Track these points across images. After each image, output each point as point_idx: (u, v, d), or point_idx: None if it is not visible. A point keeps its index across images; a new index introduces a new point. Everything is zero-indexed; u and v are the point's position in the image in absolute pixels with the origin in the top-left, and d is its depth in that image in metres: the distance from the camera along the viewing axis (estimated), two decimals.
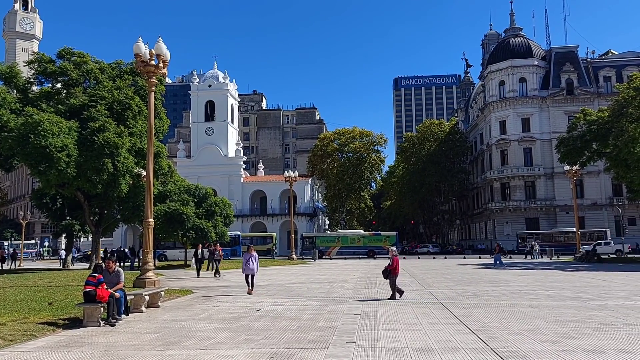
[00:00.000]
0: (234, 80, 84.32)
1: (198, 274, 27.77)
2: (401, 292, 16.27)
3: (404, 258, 55.75)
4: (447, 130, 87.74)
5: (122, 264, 35.38)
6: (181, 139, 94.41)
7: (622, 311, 13.07)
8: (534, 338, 9.64)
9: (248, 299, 17.03)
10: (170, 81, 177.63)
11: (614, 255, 49.91)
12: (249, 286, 18.53)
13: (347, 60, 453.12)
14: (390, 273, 16.04)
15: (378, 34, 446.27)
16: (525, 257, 48.86)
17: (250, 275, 18.52)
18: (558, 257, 48.81)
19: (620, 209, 58.24)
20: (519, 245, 60.30)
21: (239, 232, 60.74)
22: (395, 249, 17.40)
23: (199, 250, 28.61)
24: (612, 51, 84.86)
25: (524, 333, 10.18)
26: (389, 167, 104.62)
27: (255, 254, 19.07)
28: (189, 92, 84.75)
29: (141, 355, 8.61)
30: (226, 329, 11.03)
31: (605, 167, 47.51)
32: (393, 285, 16.10)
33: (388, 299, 15.96)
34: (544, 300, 15.70)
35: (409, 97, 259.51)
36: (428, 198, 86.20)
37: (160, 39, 19.17)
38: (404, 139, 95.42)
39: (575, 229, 52.13)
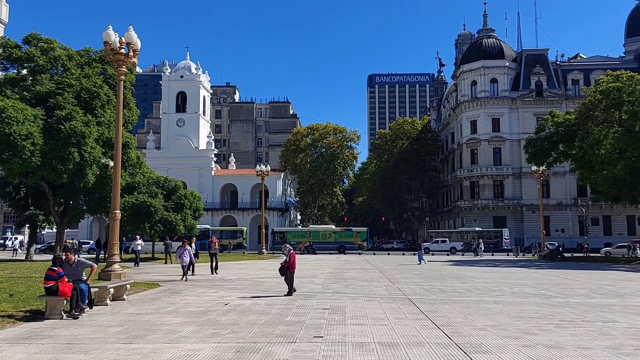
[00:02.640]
0: (206, 71, 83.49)
1: (187, 272, 24.43)
2: (293, 289, 15.92)
3: (374, 254, 56.25)
4: (420, 128, 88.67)
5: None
6: (151, 130, 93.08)
7: (582, 308, 13.42)
8: (497, 333, 9.82)
9: (216, 292, 16.91)
10: (141, 71, 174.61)
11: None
12: (184, 275, 21.51)
13: (322, 56, 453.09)
14: (287, 269, 15.76)
15: (353, 30, 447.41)
16: (475, 255, 50.02)
17: (186, 267, 21.64)
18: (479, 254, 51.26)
19: (584, 209, 59.84)
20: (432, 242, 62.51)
21: (208, 226, 60.25)
22: (289, 246, 17.10)
23: (193, 244, 25.29)
24: (580, 55, 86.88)
25: (488, 329, 10.36)
26: (361, 163, 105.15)
27: (189, 248, 22.38)
28: (160, 82, 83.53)
29: (104, 349, 8.47)
30: (192, 323, 10.92)
31: (571, 168, 48.77)
32: (290, 281, 15.83)
33: (285, 295, 15.73)
34: (508, 297, 16.01)
35: (382, 94, 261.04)
36: (399, 195, 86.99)
37: (130, 27, 18.82)
38: (377, 136, 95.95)
39: (477, 229, 61.99)
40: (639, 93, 38.26)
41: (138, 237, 33.77)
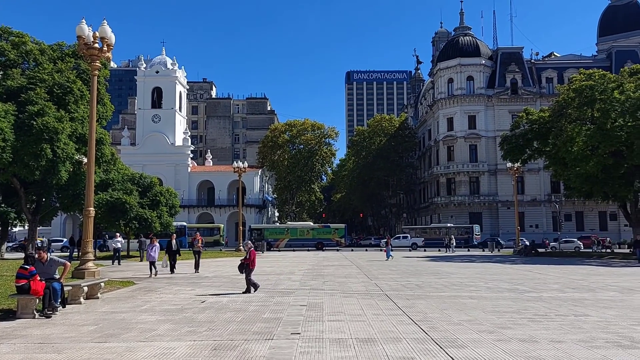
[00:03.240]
0: (182, 67, 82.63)
1: (172, 270, 23.31)
2: (256, 287, 15.84)
3: (352, 250, 56.44)
4: (397, 125, 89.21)
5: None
6: (126, 126, 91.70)
7: (555, 303, 13.66)
8: (473, 328, 9.94)
9: (192, 290, 16.77)
10: (116, 66, 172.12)
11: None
12: (151, 273, 21.81)
13: (300, 52, 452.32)
14: (246, 267, 15.65)
15: (331, 26, 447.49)
16: (446, 251, 50.61)
17: (153, 263, 22.07)
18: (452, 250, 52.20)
19: (557, 206, 60.94)
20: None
21: (185, 223, 59.76)
22: (250, 242, 17.05)
23: (173, 242, 24.16)
24: (554, 53, 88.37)
25: (463, 323, 10.47)
26: (340, 160, 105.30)
27: (157, 244, 22.90)
28: (135, 77, 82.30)
29: (78, 348, 8.34)
30: (168, 321, 10.82)
31: (545, 165, 49.52)
32: (248, 279, 15.74)
33: (242, 292, 15.62)
34: (483, 292, 16.21)
35: (360, 91, 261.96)
36: (377, 191, 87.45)
37: (105, 21, 18.50)
38: (355, 133, 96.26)
39: (450, 225, 63.63)
40: (611, 91, 39.01)
41: (118, 234, 33.26)
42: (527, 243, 46.46)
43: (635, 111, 36.98)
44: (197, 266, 24.19)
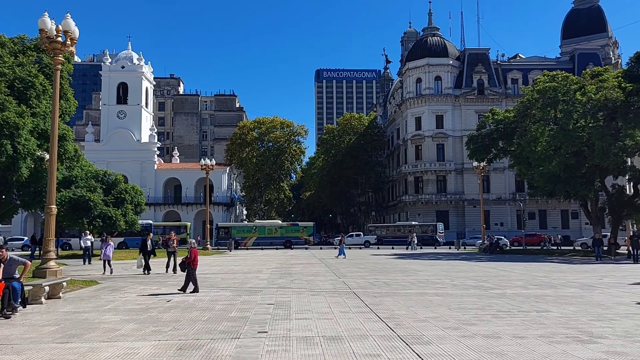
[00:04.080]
0: (149, 62, 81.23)
1: (146, 271, 22.50)
2: (196, 288, 15.39)
3: (321, 249, 56.52)
4: (366, 124, 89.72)
5: None
6: (90, 122, 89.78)
7: (518, 299, 13.96)
8: (438, 325, 10.08)
9: (158, 289, 16.53)
10: (80, 60, 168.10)
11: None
12: (104, 270, 22.33)
13: (269, 50, 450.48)
14: (188, 266, 15.34)
15: (301, 24, 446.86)
16: (407, 248, 51.17)
17: (107, 261, 22.51)
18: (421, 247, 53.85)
19: (521, 204, 62.27)
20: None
21: (151, 221, 58.76)
22: (194, 241, 16.77)
23: (149, 241, 22.99)
24: (520, 55, 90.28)
25: (429, 320, 10.61)
26: (309, 158, 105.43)
27: (111, 242, 23.51)
28: (100, 72, 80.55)
29: (39, 349, 8.14)
30: (133, 321, 10.65)
31: (510, 164, 50.52)
32: (189, 277, 15.39)
33: (179, 290, 15.36)
34: (449, 289, 16.45)
35: (330, 89, 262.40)
36: (346, 190, 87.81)
37: (68, 14, 18.04)
38: (324, 131, 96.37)
39: (414, 223, 65.45)
40: (573, 93, 40.05)
41: (88, 232, 32.33)
42: (488, 241, 47.42)
43: (596, 113, 38.08)
44: (172, 267, 22.88)
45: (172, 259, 23.06)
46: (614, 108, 37.05)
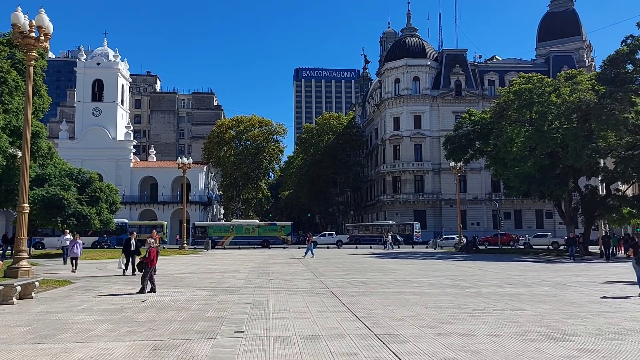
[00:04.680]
0: (125, 59, 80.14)
1: (133, 272, 21.00)
2: (153, 288, 15.10)
3: (299, 248, 56.40)
4: (345, 123, 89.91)
5: None
6: (64, 119, 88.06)
7: (493, 298, 14.14)
8: (414, 324, 10.14)
9: (133, 289, 16.29)
10: (54, 56, 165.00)
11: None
12: (72, 266, 22.64)
13: (248, 47, 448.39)
14: (145, 265, 15.04)
15: (280, 22, 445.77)
16: (384, 247, 51.38)
17: (74, 259, 22.96)
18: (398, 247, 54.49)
19: (497, 204, 63.13)
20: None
21: (126, 220, 58.00)
22: (153, 240, 16.29)
23: (132, 240, 21.73)
24: (496, 57, 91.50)
25: (406, 319, 10.67)
26: (287, 157, 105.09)
27: (80, 241, 24.19)
28: (75, 69, 79.19)
29: (9, 350, 7.96)
30: (107, 321, 10.49)
31: (486, 164, 51.17)
32: (145, 278, 15.00)
33: (137, 292, 14.94)
34: (426, 288, 16.58)
35: (309, 88, 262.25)
36: (324, 189, 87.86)
37: (42, 9, 17.69)
38: (303, 130, 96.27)
39: (392, 222, 66.25)
40: (548, 95, 40.71)
41: (67, 231, 31.46)
42: (465, 239, 48.02)
43: (570, 114, 38.79)
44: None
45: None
46: (587, 110, 37.77)
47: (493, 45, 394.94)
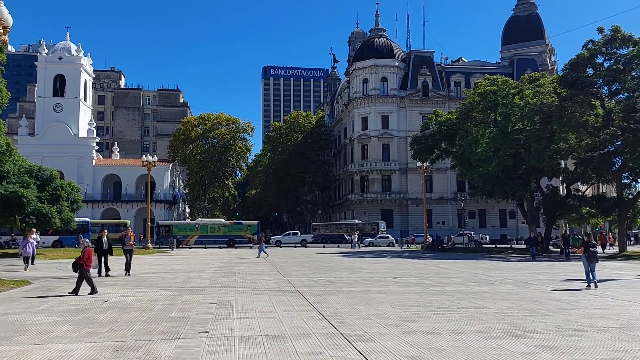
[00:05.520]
0: (88, 54, 78.36)
1: (101, 273, 20.03)
2: (93, 290, 14.53)
3: (266, 247, 56.14)
4: (314, 122, 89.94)
5: None
6: (24, 115, 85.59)
7: (457, 296, 14.35)
8: (380, 322, 10.20)
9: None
10: (14, 50, 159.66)
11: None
12: (25, 263, 22.63)
13: (215, 44, 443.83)
14: (80, 266, 14.53)
15: (248, 20, 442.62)
16: (351, 246, 51.69)
17: (27, 258, 22.82)
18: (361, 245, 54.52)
19: (462, 203, 64.16)
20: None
21: (88, 219, 56.62)
22: (88, 240, 15.90)
23: (104, 239, 20.54)
24: (463, 59, 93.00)
25: (372, 317, 10.73)
26: (255, 155, 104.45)
27: (32, 240, 23.74)
28: (36, 63, 76.97)
29: None
30: (67, 322, 10.22)
31: (452, 165, 51.99)
32: (81, 279, 14.53)
33: (70, 293, 14.45)
34: (392, 287, 16.72)
35: (277, 87, 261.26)
36: (292, 188, 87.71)
37: (0, 1, 17.08)
38: (271, 129, 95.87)
39: (357, 221, 66.42)
40: (512, 97, 41.61)
41: (34, 230, 30.28)
42: (431, 238, 48.70)
43: (533, 116, 39.73)
44: (128, 267, 21.14)
45: (128, 257, 21.40)
46: (549, 112, 38.76)
47: (459, 48, 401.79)
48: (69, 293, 14.49)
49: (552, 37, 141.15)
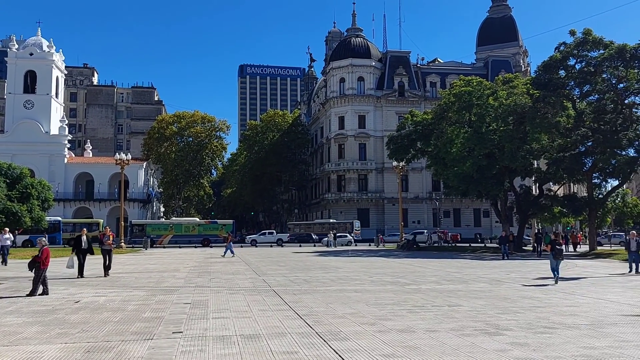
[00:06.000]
0: (60, 50, 77.00)
1: (81, 273, 19.50)
2: (45, 290, 14.16)
3: (241, 247, 55.94)
4: (290, 121, 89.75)
5: None
6: None
7: (432, 294, 14.48)
8: (355, 321, 10.23)
9: (66, 290, 15.63)
10: None
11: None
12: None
13: (190, 41, 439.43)
14: (37, 266, 14.03)
15: (224, 18, 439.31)
16: (328, 246, 51.77)
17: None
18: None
19: (437, 203, 64.80)
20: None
21: (59, 218, 55.59)
22: (45, 239, 15.43)
23: (84, 237, 19.83)
24: (438, 59, 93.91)
25: (347, 316, 10.75)
26: (231, 154, 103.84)
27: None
28: (6, 59, 75.33)
29: None
30: (37, 323, 10.00)
31: (427, 164, 52.44)
32: (38, 279, 14.02)
33: (27, 295, 13.93)
34: (367, 285, 16.78)
35: (254, 85, 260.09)
36: (269, 187, 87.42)
37: None
38: (247, 127, 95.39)
39: (332, 221, 67.11)
40: (486, 98, 42.17)
41: (7, 229, 29.32)
42: (409, 237, 49.02)
43: (507, 117, 40.34)
44: (107, 268, 20.23)
45: (107, 258, 20.39)
46: (522, 113, 39.38)
47: (435, 48, 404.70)
48: (26, 295, 14.00)
49: (525, 39, 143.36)
